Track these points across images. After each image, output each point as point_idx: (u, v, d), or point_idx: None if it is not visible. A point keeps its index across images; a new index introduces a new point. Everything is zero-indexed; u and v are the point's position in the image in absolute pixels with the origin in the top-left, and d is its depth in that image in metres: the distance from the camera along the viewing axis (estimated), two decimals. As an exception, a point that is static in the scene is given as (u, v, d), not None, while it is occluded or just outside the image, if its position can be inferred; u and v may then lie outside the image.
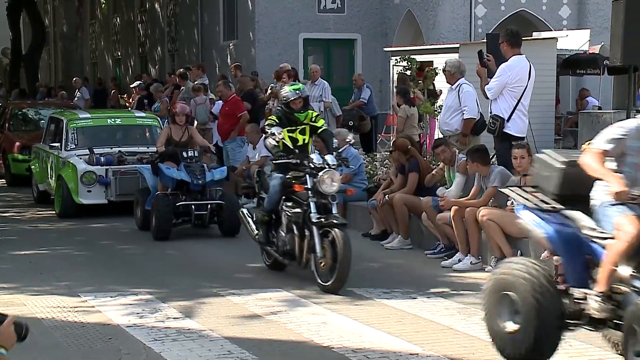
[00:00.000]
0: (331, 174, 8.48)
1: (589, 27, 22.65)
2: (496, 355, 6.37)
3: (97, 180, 13.16)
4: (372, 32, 26.37)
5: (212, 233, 11.80)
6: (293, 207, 8.72)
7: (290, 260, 8.81)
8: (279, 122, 9.07)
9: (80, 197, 13.18)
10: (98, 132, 14.44)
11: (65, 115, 14.90)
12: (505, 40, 10.02)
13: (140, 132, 14.88)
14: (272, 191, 8.90)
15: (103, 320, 7.44)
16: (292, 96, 9.05)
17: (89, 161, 13.38)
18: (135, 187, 13.19)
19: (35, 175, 15.37)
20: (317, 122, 9.21)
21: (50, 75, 43.63)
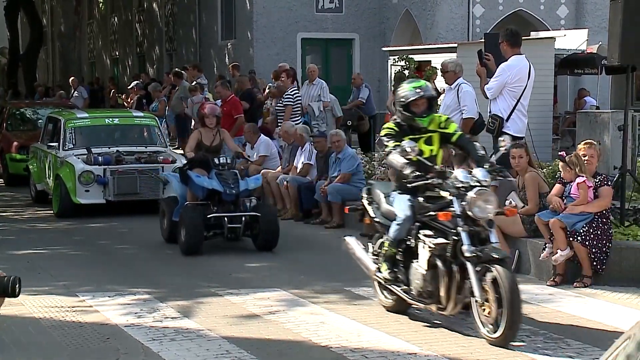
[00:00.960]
0: (485, 194, 6.69)
1: (587, 27, 22.68)
2: (493, 355, 6.37)
3: (95, 180, 13.08)
4: (370, 32, 26.38)
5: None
6: (435, 237, 6.86)
7: (429, 303, 6.98)
8: (399, 130, 7.27)
9: (78, 197, 13.11)
10: (96, 132, 14.35)
11: (63, 115, 14.83)
12: (505, 40, 10.02)
13: (138, 131, 14.76)
14: (403, 217, 7.06)
15: (101, 320, 7.43)
16: (413, 96, 7.15)
17: (87, 161, 13.31)
18: (133, 187, 13.15)
19: (33, 175, 15.30)
20: (447, 127, 7.33)
21: (48, 74, 43.61)
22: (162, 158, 13.71)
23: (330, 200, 12.07)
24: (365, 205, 7.70)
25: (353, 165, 12.14)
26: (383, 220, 7.42)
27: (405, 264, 7.19)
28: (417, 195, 7.07)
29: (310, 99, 15.67)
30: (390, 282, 7.30)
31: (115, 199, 13.20)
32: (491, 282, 6.50)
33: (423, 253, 6.91)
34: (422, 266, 6.91)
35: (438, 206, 6.86)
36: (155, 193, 13.34)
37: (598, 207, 8.35)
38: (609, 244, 8.37)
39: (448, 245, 6.74)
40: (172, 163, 13.58)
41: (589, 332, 6.92)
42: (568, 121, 20.63)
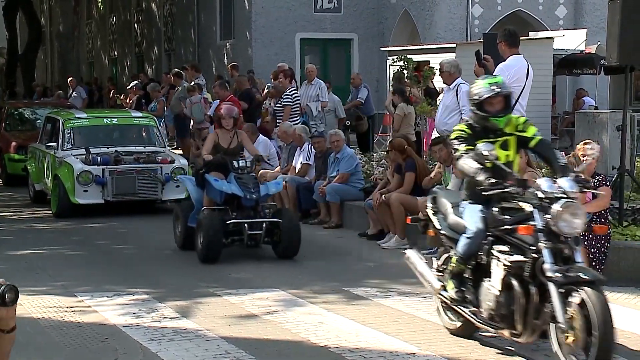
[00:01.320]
0: (572, 207, 5.94)
1: (586, 27, 22.69)
2: (492, 355, 6.37)
3: (93, 180, 13.05)
4: (368, 32, 26.38)
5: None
6: (510, 253, 6.11)
7: (502, 328, 6.21)
8: (471, 132, 6.54)
9: (76, 197, 13.08)
10: (94, 132, 14.29)
11: (61, 115, 14.76)
12: (503, 40, 10.02)
13: (136, 132, 14.69)
14: (474, 230, 6.36)
15: (99, 320, 7.43)
16: (487, 93, 6.45)
17: (86, 161, 13.26)
18: (132, 187, 13.13)
19: (31, 175, 15.24)
20: (525, 130, 6.60)
21: (47, 74, 43.59)
22: (160, 158, 13.65)
23: (329, 200, 12.07)
24: (430, 215, 7.01)
25: (352, 165, 12.15)
26: (450, 233, 6.73)
27: (474, 282, 6.46)
28: (491, 205, 6.33)
29: (308, 99, 15.67)
30: (457, 302, 6.58)
31: (114, 199, 13.17)
32: (578, 306, 5.69)
33: (497, 271, 6.17)
34: (495, 286, 6.16)
35: (516, 219, 6.11)
36: (154, 193, 13.37)
37: (597, 207, 8.35)
38: (608, 244, 8.37)
39: (526, 263, 5.96)
40: (171, 163, 13.55)
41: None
42: (566, 121, 20.64)
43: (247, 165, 10.16)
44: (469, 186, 6.60)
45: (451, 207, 6.77)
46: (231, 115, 10.55)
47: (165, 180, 13.36)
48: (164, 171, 13.41)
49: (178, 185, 13.32)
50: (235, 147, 10.56)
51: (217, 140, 10.54)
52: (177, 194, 13.41)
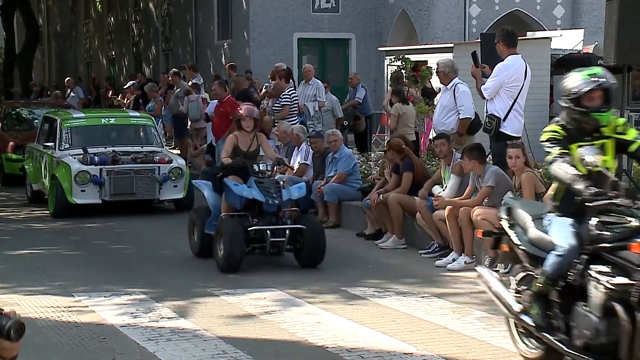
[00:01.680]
0: None
1: (583, 27, 22.70)
2: (489, 355, 6.38)
3: (91, 180, 13.04)
4: (366, 32, 26.39)
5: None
6: (613, 275, 5.35)
7: (601, 358, 5.45)
8: (565, 134, 5.78)
9: (74, 197, 13.08)
10: (92, 132, 14.26)
11: (59, 115, 14.72)
12: (501, 40, 10.02)
13: (134, 131, 14.66)
14: (566, 248, 5.59)
15: (97, 320, 7.43)
16: (587, 86, 5.67)
17: (83, 161, 13.24)
18: (129, 187, 13.11)
19: (29, 175, 15.21)
20: (626, 132, 5.82)
21: (44, 74, 43.58)
22: (158, 158, 13.64)
23: (327, 200, 12.07)
24: (506, 229, 6.25)
25: (349, 165, 12.14)
26: (531, 249, 5.97)
27: (564, 306, 5.68)
28: (585, 218, 5.56)
29: (306, 99, 15.67)
30: (541, 328, 5.78)
31: (112, 199, 13.18)
32: None
33: (596, 295, 5.37)
34: (594, 312, 5.38)
35: (620, 235, 5.35)
36: (152, 193, 13.36)
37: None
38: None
39: (634, 286, 5.20)
40: (169, 163, 13.54)
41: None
42: (564, 121, 20.66)
43: (267, 168, 9.69)
44: (560, 196, 5.82)
45: (531, 220, 6.03)
46: (252, 116, 9.96)
47: (163, 180, 13.33)
48: (161, 171, 13.39)
49: (176, 185, 13.38)
50: (255, 150, 10.06)
51: (236, 143, 9.96)
52: (174, 194, 13.46)
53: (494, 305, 7.70)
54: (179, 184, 13.50)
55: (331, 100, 16.58)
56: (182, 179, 13.50)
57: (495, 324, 7.10)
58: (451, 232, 9.48)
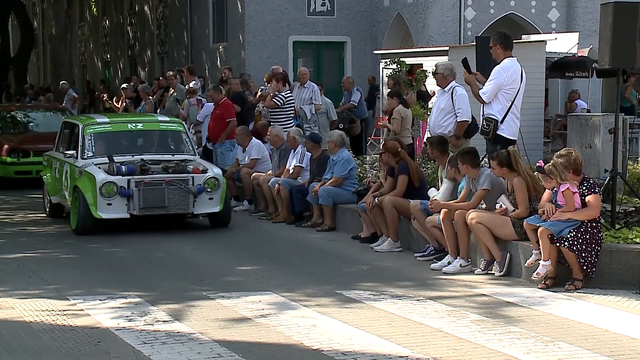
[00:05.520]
0: None
1: (578, 30, 22.75)
2: (485, 358, 6.38)
3: (118, 192, 11.66)
4: (361, 35, 26.42)
5: (202, 235, 11.76)
6: None
7: None
8: None
9: (99, 211, 11.67)
10: (117, 139, 12.88)
11: (81, 120, 13.25)
12: (498, 42, 10.04)
13: (163, 138, 13.25)
14: None
15: (92, 324, 7.42)
16: None
17: (109, 170, 11.86)
18: (161, 200, 11.75)
19: (47, 186, 13.71)
20: None
21: (39, 77, 43.55)
22: (191, 167, 12.24)
23: (321, 203, 12.07)
24: None
25: (345, 169, 12.13)
26: None
27: None
28: None
29: (301, 102, 15.67)
30: None
31: (141, 213, 11.74)
32: None
33: None
34: None
35: None
36: (185, 207, 11.91)
37: (586, 216, 8.35)
38: (599, 247, 8.38)
39: None
40: (203, 173, 12.13)
41: (580, 334, 6.93)
42: (559, 124, 20.69)
43: None
44: None
45: None
46: None
47: (198, 191, 11.89)
48: (195, 181, 11.93)
49: (211, 197, 12.00)
50: None
51: None
52: (210, 207, 12.06)
53: (489, 308, 7.73)
54: (215, 196, 12.02)
55: (325, 103, 16.60)
56: (219, 191, 12.03)
57: (490, 327, 7.11)
58: (446, 235, 9.49)
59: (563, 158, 8.47)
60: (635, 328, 7.09)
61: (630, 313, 7.62)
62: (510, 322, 7.26)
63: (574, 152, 8.61)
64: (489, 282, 8.88)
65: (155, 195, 11.72)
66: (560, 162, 8.44)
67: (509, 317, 7.43)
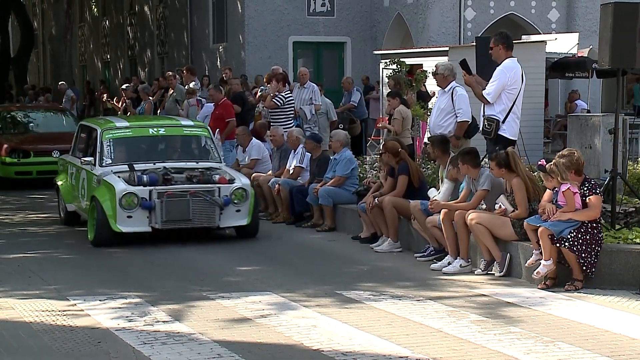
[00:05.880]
0: None
1: (578, 31, 22.76)
2: (484, 357, 6.38)
3: (139, 203, 10.81)
4: (361, 35, 26.42)
5: (202, 236, 11.76)
6: None
7: None
8: None
9: (118, 224, 10.83)
10: (138, 144, 12.00)
11: (99, 124, 12.28)
12: (501, 43, 10.03)
13: (187, 144, 12.32)
14: None
15: (92, 324, 7.42)
16: None
17: (129, 180, 11.02)
18: (185, 212, 10.90)
19: (61, 193, 12.92)
20: None
21: (39, 77, 43.56)
22: (218, 177, 11.32)
23: (322, 203, 12.07)
24: None
25: (348, 169, 12.13)
26: None
27: None
28: None
29: (301, 102, 15.67)
30: None
31: (163, 227, 10.89)
32: None
33: None
34: None
35: None
36: (211, 219, 11.04)
37: (587, 217, 8.35)
38: (599, 248, 8.38)
39: None
40: (230, 183, 11.23)
41: (580, 335, 6.93)
42: (559, 124, 20.71)
43: None
44: None
45: None
46: None
47: (224, 203, 11.03)
48: (222, 192, 11.04)
49: (239, 209, 11.12)
50: None
51: None
52: (237, 220, 11.18)
53: (489, 309, 7.73)
54: (243, 207, 11.15)
55: (325, 103, 16.60)
56: (247, 202, 11.18)
57: (490, 327, 7.11)
58: (446, 235, 9.49)
59: (565, 158, 8.47)
60: (635, 328, 7.09)
61: (630, 313, 7.62)
62: (510, 323, 7.27)
63: (576, 153, 8.62)
64: (489, 282, 8.89)
65: (179, 208, 10.88)
66: (562, 162, 8.44)
67: (509, 318, 7.44)
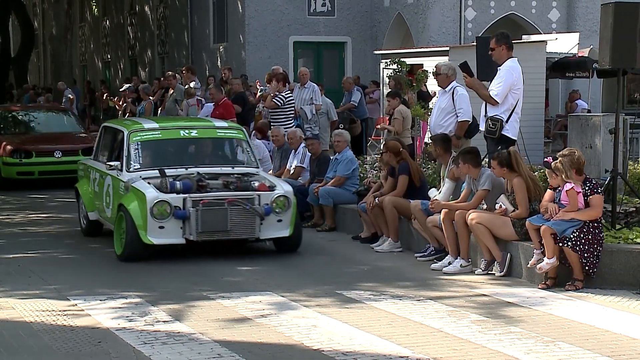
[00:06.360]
0: None
1: (578, 31, 22.74)
2: (484, 357, 6.38)
3: (172, 213, 9.86)
4: (362, 35, 26.42)
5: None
6: None
7: None
8: None
9: (149, 236, 9.89)
10: (168, 148, 11.07)
11: (125, 125, 11.26)
12: (503, 43, 10.03)
13: (221, 147, 11.45)
14: None
15: (92, 324, 7.42)
16: None
17: (161, 187, 10.08)
18: (222, 223, 9.92)
19: (82, 199, 11.93)
20: None
21: (40, 77, 43.57)
22: (257, 184, 10.36)
23: (322, 203, 12.06)
24: None
25: (349, 169, 12.13)
26: None
27: None
28: None
29: (302, 102, 15.66)
30: None
31: (199, 239, 9.92)
32: None
33: None
34: None
35: None
36: (250, 230, 10.06)
37: (589, 216, 8.35)
38: (600, 248, 8.39)
39: None
40: (270, 190, 10.27)
41: (581, 335, 6.93)
42: (559, 124, 20.70)
43: None
44: None
45: None
46: None
47: (265, 212, 10.07)
48: (262, 200, 10.09)
49: (280, 219, 10.17)
50: None
51: None
52: (278, 231, 10.24)
53: (490, 308, 7.73)
54: (285, 217, 10.19)
55: (326, 103, 16.60)
56: (289, 211, 10.22)
57: (490, 327, 7.11)
58: (447, 235, 9.49)
59: (566, 157, 8.48)
60: (636, 328, 7.09)
61: (630, 313, 7.62)
62: (510, 323, 7.27)
63: (576, 152, 8.62)
64: (490, 282, 8.89)
65: (216, 218, 9.89)
66: (564, 160, 8.45)
67: (509, 318, 7.44)
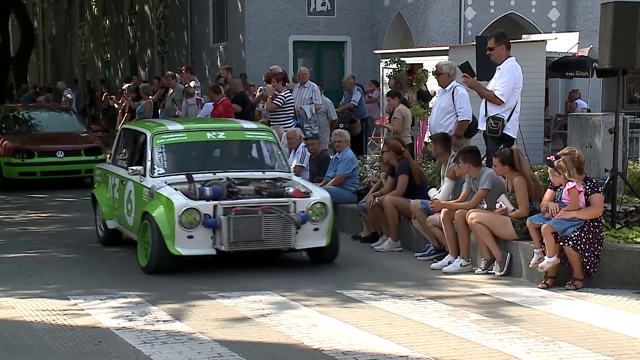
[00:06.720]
0: None
1: (578, 30, 22.74)
2: (486, 358, 6.39)
3: (201, 221, 9.14)
4: (362, 35, 26.42)
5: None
6: None
7: None
8: None
9: (177, 246, 9.17)
10: (194, 151, 10.39)
11: (148, 127, 10.55)
12: (503, 42, 10.04)
13: (251, 150, 10.74)
14: None
15: (92, 323, 7.42)
16: None
17: (189, 193, 9.34)
18: (256, 232, 9.20)
19: (100, 207, 11.19)
20: None
21: (40, 77, 43.57)
22: (292, 189, 9.64)
23: (322, 203, 12.05)
24: None
25: (349, 168, 12.13)
26: None
27: None
28: None
29: (301, 101, 15.65)
30: None
31: (231, 249, 9.20)
32: None
33: None
34: None
35: None
36: (286, 240, 9.34)
37: (589, 215, 8.36)
38: (600, 247, 8.39)
39: None
40: (306, 196, 9.55)
41: (580, 334, 6.94)
42: (559, 124, 20.70)
43: None
44: None
45: None
46: None
47: (302, 220, 9.35)
48: (298, 207, 9.37)
49: (317, 227, 9.46)
50: None
51: None
52: (315, 241, 9.51)
53: (490, 308, 7.74)
54: (322, 226, 9.48)
55: (325, 103, 16.59)
56: (326, 219, 9.51)
57: (490, 327, 7.12)
58: (447, 234, 9.49)
59: (566, 156, 8.49)
60: (636, 328, 7.10)
61: (630, 313, 7.62)
62: (510, 322, 7.27)
63: (576, 151, 8.63)
64: (489, 281, 8.89)
65: (250, 226, 9.18)
66: (566, 159, 8.46)
67: (509, 317, 7.44)
